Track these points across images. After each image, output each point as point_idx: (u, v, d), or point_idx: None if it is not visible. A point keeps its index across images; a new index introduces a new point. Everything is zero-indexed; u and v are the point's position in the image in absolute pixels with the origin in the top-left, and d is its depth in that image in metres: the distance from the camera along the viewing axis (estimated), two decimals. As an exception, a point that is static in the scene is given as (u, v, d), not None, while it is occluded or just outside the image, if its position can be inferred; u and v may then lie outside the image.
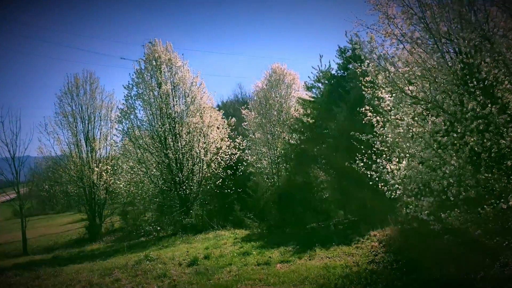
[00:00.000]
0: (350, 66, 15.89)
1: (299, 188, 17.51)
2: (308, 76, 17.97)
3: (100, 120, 21.72)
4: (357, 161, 8.92)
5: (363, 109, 8.42)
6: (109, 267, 11.03)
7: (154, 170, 17.63)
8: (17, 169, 18.74)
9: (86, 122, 21.51)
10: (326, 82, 17.61)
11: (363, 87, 8.53)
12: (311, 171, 17.59)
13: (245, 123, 22.31)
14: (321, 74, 17.63)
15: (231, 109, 33.16)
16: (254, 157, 21.15)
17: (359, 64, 8.28)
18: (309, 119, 17.41)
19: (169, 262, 10.97)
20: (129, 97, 17.94)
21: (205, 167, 18.05)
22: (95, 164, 20.91)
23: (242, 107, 23.69)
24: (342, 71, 16.69)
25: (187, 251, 12.18)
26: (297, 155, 17.91)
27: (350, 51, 16.47)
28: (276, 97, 22.03)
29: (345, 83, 14.95)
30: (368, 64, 7.52)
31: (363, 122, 8.49)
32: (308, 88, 18.28)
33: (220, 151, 18.36)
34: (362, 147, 8.95)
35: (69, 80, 21.38)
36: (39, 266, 12.84)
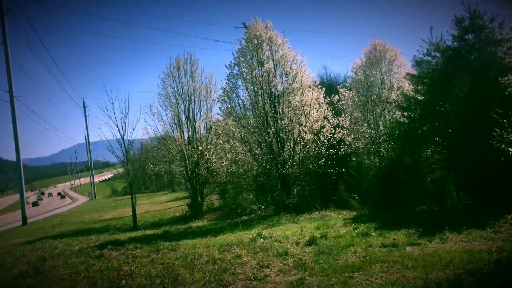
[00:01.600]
0: (469, 36, 14.68)
1: (406, 168, 16.64)
2: (417, 50, 16.73)
3: (200, 101, 22.14)
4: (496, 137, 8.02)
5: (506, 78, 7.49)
6: (225, 243, 11.08)
7: (259, 150, 17.57)
8: (127, 148, 19.60)
9: (187, 102, 22.05)
10: (438, 55, 16.39)
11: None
12: (421, 151, 16.61)
13: (342, 103, 21.57)
14: (432, 47, 16.41)
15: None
16: (352, 137, 20.43)
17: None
18: (419, 96, 16.34)
19: (284, 240, 10.80)
20: (231, 76, 18.04)
21: (307, 146, 17.67)
22: (198, 144, 21.41)
23: (339, 86, 22.98)
24: (459, 42, 15.37)
25: (301, 230, 11.94)
26: (405, 134, 16.96)
27: (468, 20, 15.17)
28: (377, 74, 21.09)
29: (466, 54, 13.72)
30: None
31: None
32: (418, 63, 17.08)
33: (323, 130, 17.87)
34: (505, 121, 8.02)
35: (171, 62, 22.05)
36: (154, 240, 13.37)
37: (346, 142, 19.10)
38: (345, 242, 9.78)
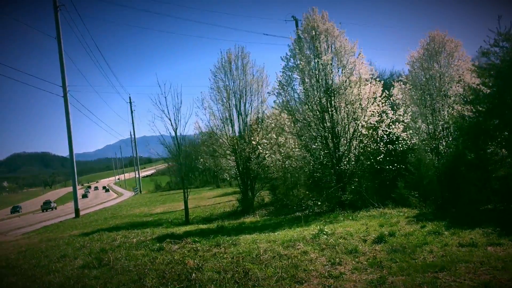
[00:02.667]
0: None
1: (470, 165, 15.84)
2: (484, 40, 15.79)
3: (251, 95, 21.95)
4: None
5: None
6: (287, 239, 10.80)
7: (315, 145, 17.16)
8: (179, 142, 19.67)
9: (238, 96, 21.92)
10: (507, 45, 15.43)
11: None
12: (487, 147, 15.73)
13: (397, 97, 20.80)
14: (500, 37, 15.48)
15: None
16: (409, 132, 19.65)
17: None
18: (485, 88, 15.45)
19: (349, 237, 10.41)
20: (287, 69, 17.70)
21: (363, 142, 17.11)
22: (250, 138, 21.25)
23: (394, 81, 22.21)
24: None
25: (366, 228, 11.50)
26: (469, 129, 16.10)
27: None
28: (435, 66, 20.19)
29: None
30: None
31: None
32: (484, 54, 16.15)
33: (381, 125, 17.25)
34: None
35: (223, 55, 21.99)
36: (211, 235, 13.27)
37: (403, 138, 18.34)
38: (417, 241, 9.28)
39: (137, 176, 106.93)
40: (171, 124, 19.44)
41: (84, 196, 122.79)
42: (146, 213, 27.16)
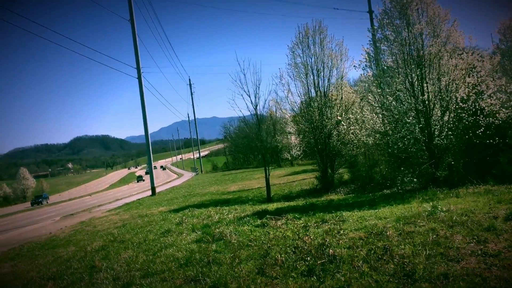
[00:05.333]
0: None
1: None
2: None
3: (329, 70, 21.24)
4: None
5: None
6: (399, 216, 10.21)
7: (409, 119, 16.27)
8: (259, 118, 19.42)
9: (316, 72, 21.27)
10: None
11: None
12: None
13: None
14: None
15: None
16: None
17: None
18: None
19: (471, 214, 9.63)
20: (374, 41, 16.85)
21: (460, 115, 16.04)
22: (330, 114, 20.67)
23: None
24: None
25: (489, 204, 10.71)
26: None
27: None
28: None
29: None
30: None
31: None
32: None
33: (481, 97, 16.07)
34: None
35: (300, 30, 21.29)
36: (308, 211, 12.95)
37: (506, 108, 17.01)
38: None
39: (196, 156, 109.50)
40: (251, 101, 19.22)
41: (139, 178, 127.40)
42: (222, 192, 27.36)
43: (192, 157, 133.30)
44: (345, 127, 19.96)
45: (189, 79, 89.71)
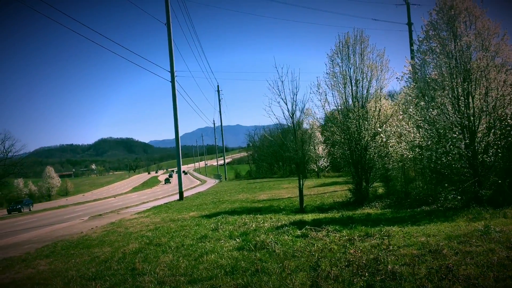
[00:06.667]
0: None
1: None
2: None
3: (369, 81, 20.80)
4: None
5: None
6: (449, 234, 9.72)
7: (455, 134, 15.69)
8: (295, 127, 19.14)
9: (354, 82, 20.86)
10: None
11: None
12: None
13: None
14: None
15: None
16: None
17: None
18: None
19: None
20: (419, 52, 16.42)
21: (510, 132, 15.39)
22: (368, 126, 20.23)
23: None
24: None
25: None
26: None
27: None
28: None
29: None
30: None
31: None
32: None
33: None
34: None
35: (340, 39, 20.96)
36: (346, 224, 12.56)
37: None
38: None
39: (220, 163, 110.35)
40: (287, 109, 18.99)
41: (167, 180, 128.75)
42: (252, 200, 27.05)
43: (214, 163, 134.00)
44: (384, 139, 19.44)
45: (217, 86, 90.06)
